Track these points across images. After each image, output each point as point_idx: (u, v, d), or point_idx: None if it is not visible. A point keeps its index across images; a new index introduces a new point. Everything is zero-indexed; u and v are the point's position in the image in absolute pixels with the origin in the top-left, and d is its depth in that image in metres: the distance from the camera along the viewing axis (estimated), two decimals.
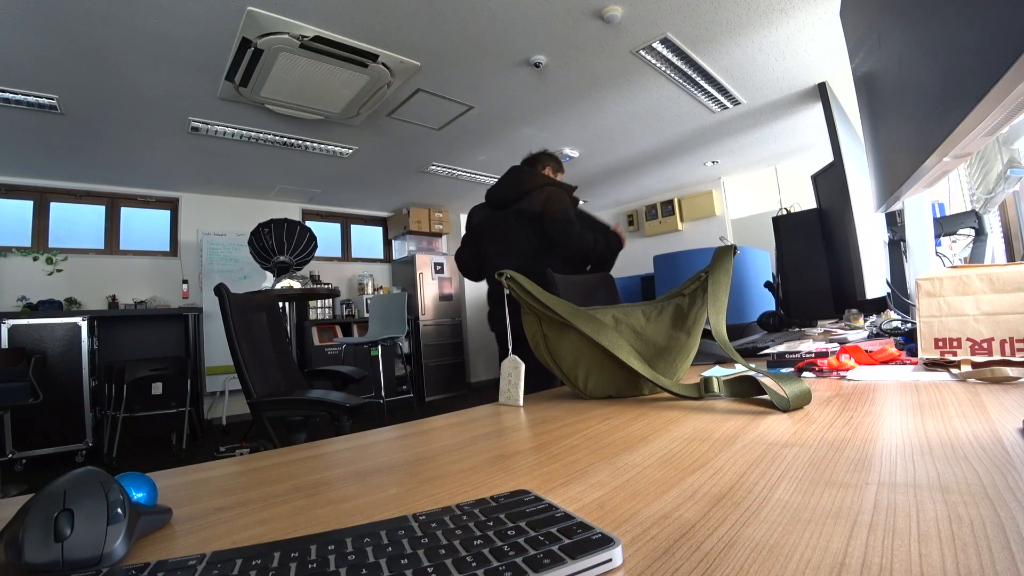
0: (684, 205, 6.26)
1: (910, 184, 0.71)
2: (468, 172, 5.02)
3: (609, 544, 0.24)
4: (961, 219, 1.41)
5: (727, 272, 0.73)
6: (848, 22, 1.01)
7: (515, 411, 0.73)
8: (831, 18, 2.72)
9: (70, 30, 2.36)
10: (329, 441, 0.63)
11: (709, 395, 0.66)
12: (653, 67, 3.15)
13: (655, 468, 0.39)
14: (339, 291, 5.66)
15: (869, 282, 1.10)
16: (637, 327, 0.75)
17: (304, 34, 2.51)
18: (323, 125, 3.67)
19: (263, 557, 0.26)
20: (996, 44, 0.34)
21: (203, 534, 0.34)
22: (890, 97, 0.74)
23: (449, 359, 6.09)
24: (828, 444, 0.41)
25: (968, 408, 0.49)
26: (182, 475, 0.51)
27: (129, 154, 3.93)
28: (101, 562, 0.28)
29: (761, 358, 1.00)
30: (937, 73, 0.49)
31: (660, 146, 4.69)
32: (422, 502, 0.37)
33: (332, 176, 4.87)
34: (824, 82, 3.42)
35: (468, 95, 3.40)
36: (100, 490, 0.30)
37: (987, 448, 0.36)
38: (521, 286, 0.74)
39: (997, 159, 1.75)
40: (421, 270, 6.00)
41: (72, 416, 3.57)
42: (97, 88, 2.91)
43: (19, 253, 4.16)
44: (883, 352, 0.83)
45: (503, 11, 2.50)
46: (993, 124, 0.42)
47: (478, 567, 0.23)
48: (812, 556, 0.23)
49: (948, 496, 0.28)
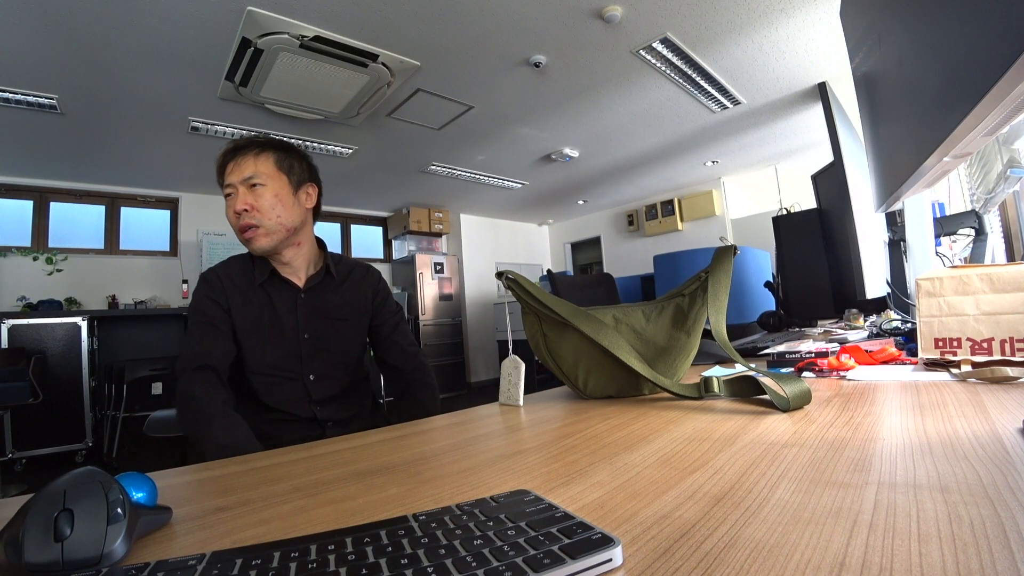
0: (684, 205, 6.26)
1: (910, 184, 0.71)
2: (468, 172, 5.02)
3: (609, 544, 0.24)
4: (961, 219, 1.41)
5: (727, 272, 0.73)
6: (848, 22, 1.01)
7: (515, 411, 0.73)
8: (831, 18, 2.72)
9: (70, 30, 2.36)
10: (329, 441, 0.63)
11: (709, 395, 0.66)
12: (653, 67, 3.15)
13: (655, 468, 0.39)
14: None
15: (869, 282, 1.10)
16: (637, 327, 0.75)
17: (304, 34, 2.51)
18: (323, 125, 3.67)
19: (263, 557, 0.26)
20: (996, 44, 0.34)
21: (203, 534, 0.34)
22: (890, 97, 0.74)
23: (449, 359, 6.09)
24: (828, 444, 0.41)
25: (968, 408, 0.49)
26: (182, 475, 0.51)
27: (129, 154, 3.93)
28: (101, 562, 0.28)
29: (761, 358, 1.00)
30: (937, 73, 0.49)
31: (660, 146, 4.69)
32: (422, 502, 0.37)
33: (332, 176, 4.87)
34: (824, 82, 3.42)
35: (468, 95, 3.40)
36: (100, 490, 0.30)
37: (987, 448, 0.36)
38: (521, 286, 0.74)
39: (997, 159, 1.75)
40: (421, 270, 6.00)
41: (72, 416, 3.57)
42: (97, 88, 2.91)
43: (19, 253, 4.15)
44: (883, 352, 0.83)
45: (503, 11, 2.50)
46: (993, 124, 0.42)
47: (478, 567, 0.23)
48: (812, 556, 0.23)
49: (948, 496, 0.28)
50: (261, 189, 1.01)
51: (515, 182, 5.48)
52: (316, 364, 1.08)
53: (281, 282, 1.08)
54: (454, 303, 6.28)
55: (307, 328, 1.08)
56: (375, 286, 1.21)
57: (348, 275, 1.18)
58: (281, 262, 1.08)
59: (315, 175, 1.13)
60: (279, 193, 1.02)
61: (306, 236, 1.10)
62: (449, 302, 6.23)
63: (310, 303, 1.10)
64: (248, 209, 1.00)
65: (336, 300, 1.13)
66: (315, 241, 1.15)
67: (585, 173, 5.34)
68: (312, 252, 1.13)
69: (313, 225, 1.15)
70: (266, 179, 1.01)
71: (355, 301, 1.16)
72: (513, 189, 5.70)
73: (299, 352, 1.07)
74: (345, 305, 1.14)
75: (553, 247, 8.06)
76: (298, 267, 1.10)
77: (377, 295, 1.21)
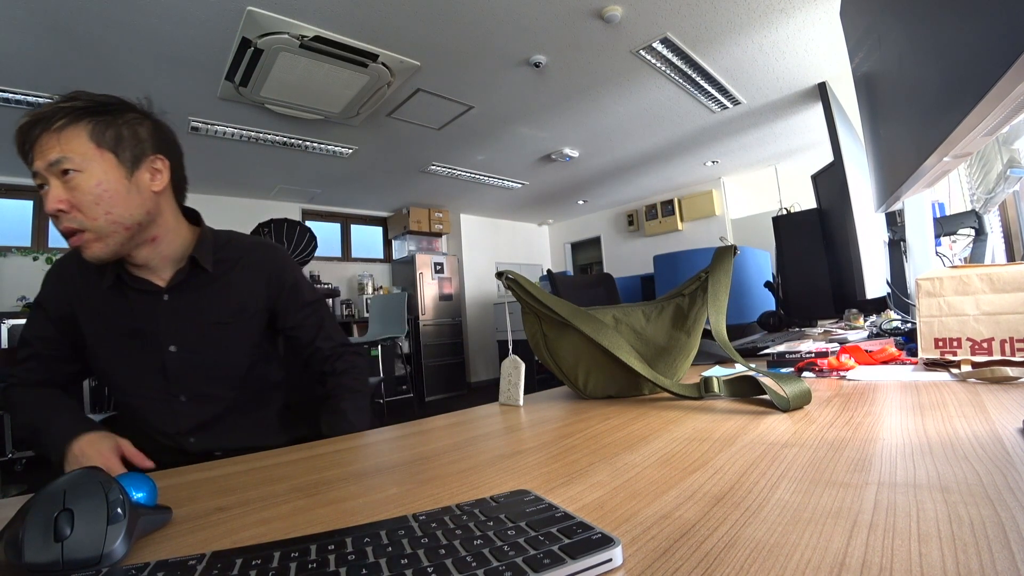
0: (684, 205, 6.26)
1: (910, 184, 0.71)
2: (468, 172, 5.02)
3: (609, 544, 0.24)
4: (961, 219, 1.41)
5: (727, 272, 0.73)
6: (848, 22, 1.01)
7: (515, 411, 0.73)
8: (831, 18, 2.72)
9: (70, 30, 2.36)
10: (329, 441, 0.63)
11: (709, 395, 0.66)
12: (653, 67, 3.15)
13: (655, 468, 0.39)
14: (339, 291, 5.68)
15: (869, 282, 1.10)
16: (637, 327, 0.75)
17: (304, 34, 2.51)
18: (323, 125, 3.67)
19: (263, 557, 0.26)
20: (996, 44, 0.34)
21: (203, 534, 0.34)
22: (890, 97, 0.74)
23: (449, 359, 6.09)
24: (828, 444, 0.41)
25: (968, 408, 0.49)
26: (182, 475, 0.51)
27: None
28: (101, 562, 0.28)
29: (761, 358, 1.00)
30: (937, 73, 0.49)
31: (660, 146, 4.69)
32: (422, 502, 0.37)
33: (332, 176, 4.87)
34: (824, 82, 3.42)
35: (468, 95, 3.40)
36: (100, 490, 0.30)
37: (987, 448, 0.36)
38: (521, 286, 0.74)
39: (997, 159, 1.75)
40: (421, 270, 6.00)
41: None
42: (97, 88, 2.85)
43: (19, 253, 4.16)
44: (883, 352, 0.83)
45: (503, 11, 2.50)
46: (993, 124, 0.42)
47: (478, 567, 0.23)
48: (812, 556, 0.23)
49: (948, 496, 0.28)
50: (77, 177, 0.72)
51: (515, 182, 5.48)
52: (188, 382, 0.86)
53: (136, 282, 0.84)
54: (454, 303, 6.29)
55: (172, 338, 0.85)
56: (271, 276, 0.93)
57: (230, 264, 0.90)
58: (133, 264, 0.82)
59: (163, 141, 0.83)
60: (104, 180, 0.73)
61: (164, 227, 0.82)
62: (449, 302, 6.23)
63: (176, 306, 0.85)
64: (64, 209, 0.72)
65: (212, 300, 0.88)
66: (182, 227, 0.87)
67: (585, 173, 5.34)
68: (179, 243, 0.85)
69: (179, 205, 0.88)
70: (80, 162, 0.72)
71: (241, 298, 0.90)
72: (513, 189, 5.70)
73: (163, 369, 0.85)
74: (225, 305, 0.89)
75: (553, 247, 8.06)
76: (158, 266, 0.84)
77: (274, 288, 0.93)
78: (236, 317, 0.90)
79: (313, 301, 0.98)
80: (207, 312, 0.88)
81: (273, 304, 0.94)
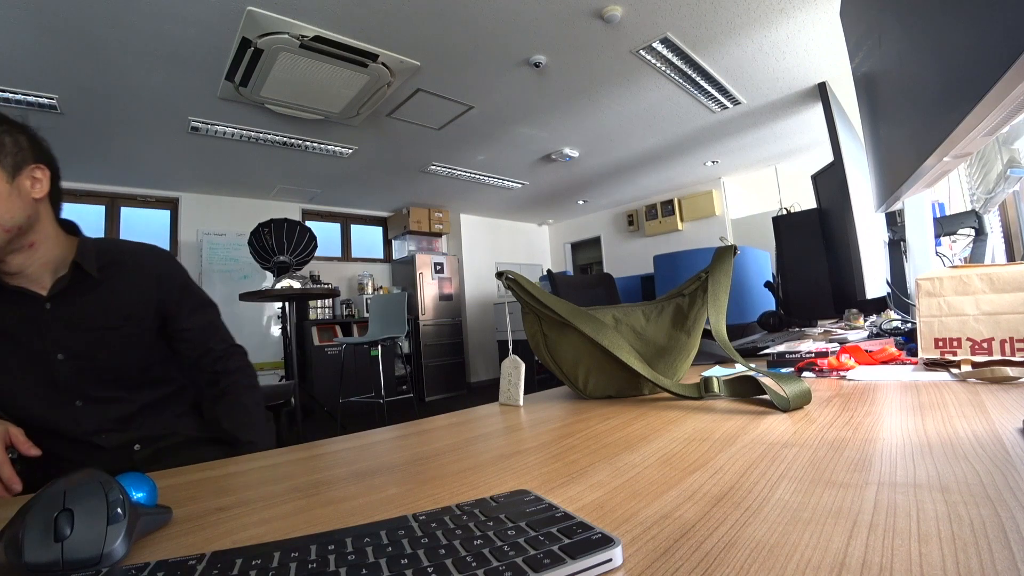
0: (684, 205, 6.27)
1: (910, 184, 0.71)
2: (468, 172, 5.02)
3: (609, 544, 0.24)
4: (961, 219, 1.41)
5: (727, 272, 0.73)
6: (848, 22, 1.01)
7: (515, 411, 0.73)
8: (831, 18, 2.72)
9: (70, 30, 2.36)
10: (329, 441, 0.63)
11: (709, 395, 0.66)
12: (653, 67, 3.15)
13: (655, 468, 0.39)
14: (339, 291, 5.66)
15: (869, 282, 1.10)
16: (637, 327, 0.75)
17: (304, 34, 2.51)
18: (323, 125, 3.67)
19: (263, 557, 0.26)
20: (996, 44, 0.34)
21: (203, 534, 0.34)
22: (890, 97, 0.74)
23: (449, 359, 6.09)
24: (828, 444, 0.41)
25: (968, 408, 0.49)
26: (182, 475, 0.51)
27: (129, 154, 3.93)
28: (101, 562, 0.28)
29: (761, 358, 1.00)
30: (937, 73, 0.49)
31: (660, 146, 4.69)
32: (422, 502, 0.37)
33: (332, 176, 4.87)
34: (824, 82, 3.42)
35: (468, 95, 3.40)
36: (100, 490, 0.30)
37: (987, 448, 0.36)
38: (521, 286, 0.74)
39: (997, 159, 1.75)
40: (421, 270, 6.00)
41: None
42: (97, 88, 2.91)
43: None
44: (883, 352, 0.83)
45: (503, 11, 2.50)
46: (993, 124, 0.42)
47: (478, 567, 0.23)
48: (812, 556, 0.23)
49: (948, 496, 0.28)
50: None
51: (515, 182, 5.48)
52: (83, 388, 0.87)
53: (14, 293, 0.82)
54: (454, 303, 6.29)
55: (59, 347, 0.85)
56: (160, 279, 0.94)
57: (115, 268, 0.91)
58: (7, 272, 0.81)
59: (40, 152, 0.84)
60: None
61: (43, 234, 0.83)
62: (449, 302, 6.23)
63: (61, 314, 0.85)
64: None
65: (99, 305, 0.88)
66: (60, 236, 0.87)
67: (585, 173, 5.34)
68: (57, 250, 0.86)
69: (56, 214, 0.88)
70: None
71: (129, 300, 0.91)
72: (513, 189, 5.70)
73: (52, 378, 0.84)
74: (114, 309, 0.89)
75: (553, 247, 8.06)
76: (35, 274, 0.84)
77: (164, 290, 0.94)
78: (126, 321, 0.90)
79: (206, 302, 1.01)
80: (95, 317, 0.88)
81: (164, 306, 0.95)
